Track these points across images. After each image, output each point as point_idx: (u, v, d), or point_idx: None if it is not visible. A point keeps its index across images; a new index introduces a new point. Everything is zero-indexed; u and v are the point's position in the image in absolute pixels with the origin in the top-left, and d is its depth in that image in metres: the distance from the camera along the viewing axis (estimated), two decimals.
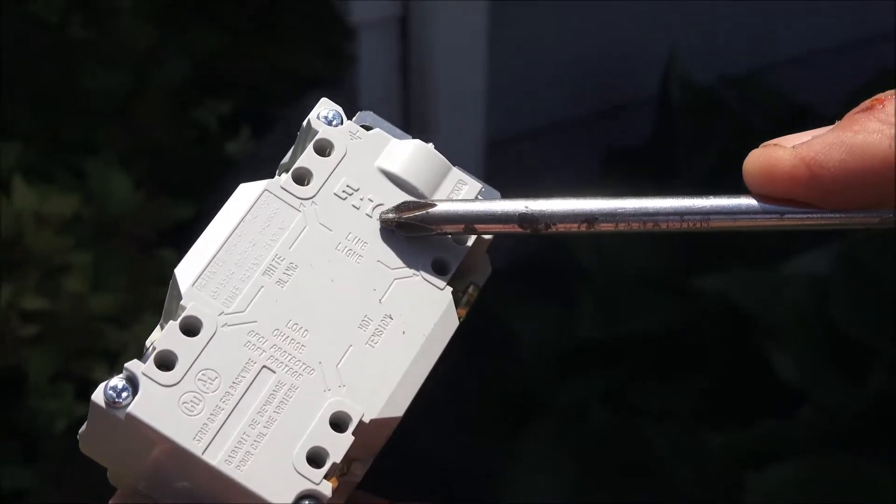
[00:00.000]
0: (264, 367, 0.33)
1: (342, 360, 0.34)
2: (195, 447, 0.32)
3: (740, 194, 0.35)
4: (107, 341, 1.09)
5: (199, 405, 0.33)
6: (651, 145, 1.52)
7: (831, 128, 0.34)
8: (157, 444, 0.33)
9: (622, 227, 0.35)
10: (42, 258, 1.09)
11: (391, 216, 0.36)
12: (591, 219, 0.35)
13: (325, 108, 0.37)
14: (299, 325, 0.34)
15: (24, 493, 1.07)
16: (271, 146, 1.24)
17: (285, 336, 0.34)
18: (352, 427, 0.33)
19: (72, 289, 1.09)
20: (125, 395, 0.33)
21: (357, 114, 0.38)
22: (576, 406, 1.31)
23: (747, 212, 0.35)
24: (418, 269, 0.36)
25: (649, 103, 1.53)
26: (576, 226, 0.35)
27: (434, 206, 0.36)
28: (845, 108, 0.35)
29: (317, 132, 0.37)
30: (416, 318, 0.35)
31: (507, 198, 0.36)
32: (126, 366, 0.33)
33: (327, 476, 0.33)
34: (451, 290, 0.36)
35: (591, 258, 1.40)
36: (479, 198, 0.37)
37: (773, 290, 1.31)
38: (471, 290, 0.37)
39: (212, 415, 0.33)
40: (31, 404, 1.08)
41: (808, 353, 1.27)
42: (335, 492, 0.33)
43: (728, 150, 1.37)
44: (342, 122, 0.37)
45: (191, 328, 0.34)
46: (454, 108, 1.41)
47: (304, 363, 0.34)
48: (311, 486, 0.32)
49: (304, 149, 0.37)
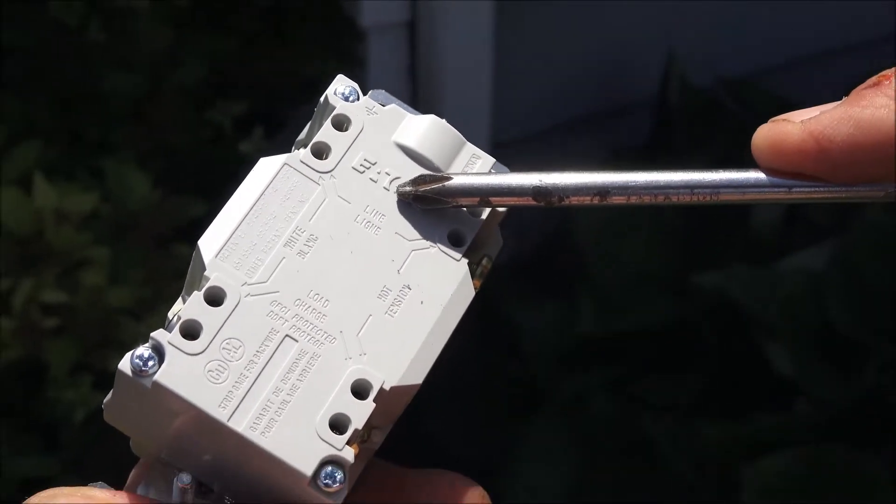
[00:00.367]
0: (287, 336, 0.33)
1: (363, 329, 0.34)
2: (221, 414, 0.32)
3: (749, 168, 0.35)
4: (124, 333, 1.09)
5: (223, 373, 0.32)
6: (650, 146, 1.52)
7: (839, 103, 0.34)
8: (182, 413, 0.32)
9: (634, 199, 0.35)
10: (62, 253, 1.09)
11: (408, 189, 0.35)
12: (603, 192, 0.35)
13: (341, 85, 0.37)
14: (320, 295, 0.34)
15: (45, 481, 1.07)
16: (283, 145, 1.24)
17: (307, 306, 0.34)
18: (373, 394, 0.33)
19: (90, 283, 1.09)
20: (151, 363, 0.32)
21: (370, 92, 0.37)
22: (577, 398, 1.31)
23: (756, 185, 0.35)
24: (435, 241, 0.35)
25: (649, 105, 1.53)
26: (588, 198, 0.35)
27: (450, 179, 0.35)
28: None
29: (334, 108, 0.36)
30: (434, 289, 0.35)
31: (520, 171, 0.36)
32: (152, 335, 0.32)
33: (349, 442, 0.32)
34: (467, 261, 0.35)
35: (592, 256, 1.39)
36: (492, 171, 0.37)
37: (768, 287, 1.30)
38: (484, 261, 0.36)
39: (236, 383, 0.32)
40: (51, 394, 1.08)
41: (802, 349, 1.27)
42: (356, 458, 0.32)
43: (725, 152, 1.36)
44: (358, 98, 0.37)
45: (215, 298, 0.33)
46: (460, 109, 1.41)
47: (325, 332, 0.33)
48: (334, 451, 0.32)
49: (321, 124, 0.36)
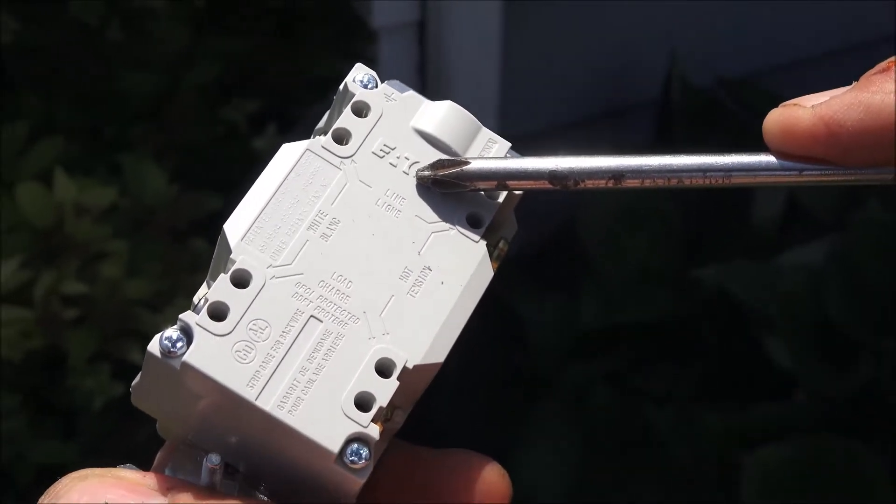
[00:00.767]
0: (312, 316, 0.33)
1: (385, 310, 0.33)
2: (249, 393, 0.32)
3: (760, 152, 0.35)
4: (142, 324, 1.09)
5: (251, 353, 0.32)
6: (652, 146, 1.52)
7: (849, 88, 0.34)
8: (210, 393, 0.32)
9: (648, 183, 0.34)
10: (81, 246, 1.09)
11: (427, 173, 0.35)
12: (618, 175, 0.34)
13: (360, 73, 0.37)
14: (344, 277, 0.34)
15: (64, 466, 1.07)
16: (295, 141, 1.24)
17: (331, 287, 0.33)
18: (396, 372, 0.33)
19: (109, 275, 1.09)
20: (180, 345, 0.32)
21: (386, 81, 0.37)
22: (581, 389, 1.31)
23: (767, 168, 0.34)
24: (454, 224, 0.35)
25: (651, 105, 1.53)
26: (603, 182, 0.35)
27: (468, 163, 0.35)
28: None
29: (353, 94, 0.36)
30: (454, 269, 0.34)
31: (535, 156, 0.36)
32: (180, 317, 0.32)
33: (374, 420, 0.32)
34: (485, 243, 0.35)
35: (595, 252, 1.39)
36: (508, 156, 0.37)
37: (767, 281, 1.30)
38: (501, 244, 0.36)
39: (263, 362, 0.32)
40: (71, 383, 1.08)
41: (801, 343, 1.27)
42: (380, 436, 0.32)
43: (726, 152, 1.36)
44: (377, 86, 0.37)
45: (241, 280, 0.33)
46: (468, 109, 1.41)
47: (349, 312, 0.33)
48: (360, 429, 0.32)
49: (341, 111, 0.36)
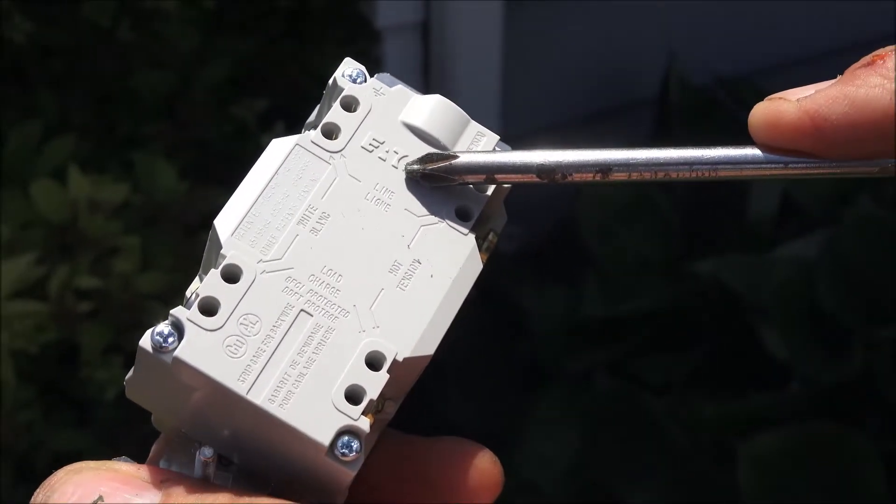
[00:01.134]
0: (302, 310, 0.32)
1: (375, 303, 0.33)
2: (240, 388, 0.31)
3: (746, 145, 0.34)
4: (154, 318, 1.09)
5: (241, 348, 0.31)
6: (651, 144, 1.51)
7: (833, 82, 0.33)
8: (202, 387, 0.31)
9: (635, 176, 0.34)
10: (95, 241, 1.09)
11: (416, 167, 0.34)
12: (605, 168, 0.34)
13: (349, 67, 0.36)
14: (333, 271, 0.33)
15: (79, 454, 1.07)
16: None
17: (321, 281, 0.33)
18: (386, 365, 0.32)
19: (122, 269, 1.09)
20: (171, 340, 0.31)
21: (375, 75, 0.36)
22: (581, 377, 1.31)
23: (753, 161, 0.34)
24: (443, 217, 0.34)
25: (650, 104, 1.52)
26: (591, 175, 0.34)
27: (457, 157, 0.34)
28: None
29: (342, 89, 0.35)
30: (443, 262, 0.34)
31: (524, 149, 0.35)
32: (171, 312, 0.32)
33: (365, 412, 0.31)
34: (474, 235, 0.35)
35: (596, 245, 1.39)
36: (496, 149, 0.36)
37: (762, 273, 1.30)
38: (490, 236, 0.35)
39: (254, 357, 0.31)
40: (84, 374, 1.08)
41: (794, 332, 1.27)
42: (371, 428, 0.32)
43: (712, 146, 1.35)
44: (366, 80, 0.36)
45: (231, 275, 0.32)
46: (470, 107, 1.40)
47: (339, 306, 0.33)
48: (351, 421, 0.31)
49: (330, 106, 0.35)
